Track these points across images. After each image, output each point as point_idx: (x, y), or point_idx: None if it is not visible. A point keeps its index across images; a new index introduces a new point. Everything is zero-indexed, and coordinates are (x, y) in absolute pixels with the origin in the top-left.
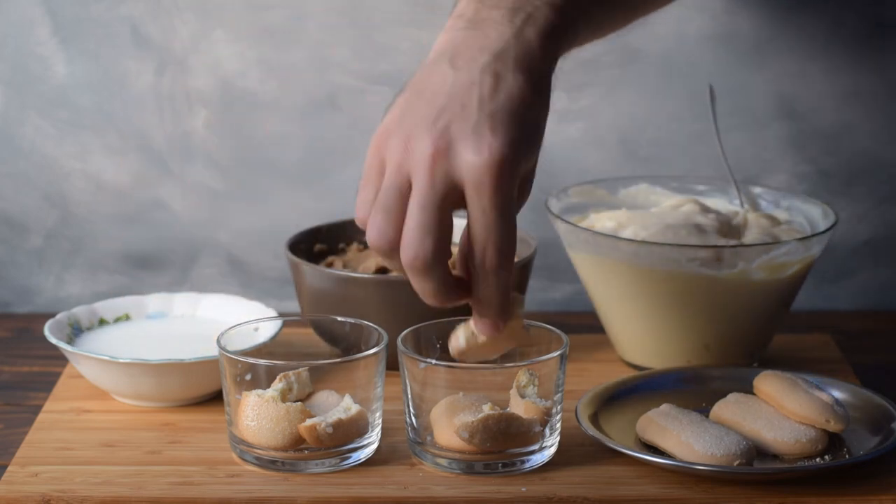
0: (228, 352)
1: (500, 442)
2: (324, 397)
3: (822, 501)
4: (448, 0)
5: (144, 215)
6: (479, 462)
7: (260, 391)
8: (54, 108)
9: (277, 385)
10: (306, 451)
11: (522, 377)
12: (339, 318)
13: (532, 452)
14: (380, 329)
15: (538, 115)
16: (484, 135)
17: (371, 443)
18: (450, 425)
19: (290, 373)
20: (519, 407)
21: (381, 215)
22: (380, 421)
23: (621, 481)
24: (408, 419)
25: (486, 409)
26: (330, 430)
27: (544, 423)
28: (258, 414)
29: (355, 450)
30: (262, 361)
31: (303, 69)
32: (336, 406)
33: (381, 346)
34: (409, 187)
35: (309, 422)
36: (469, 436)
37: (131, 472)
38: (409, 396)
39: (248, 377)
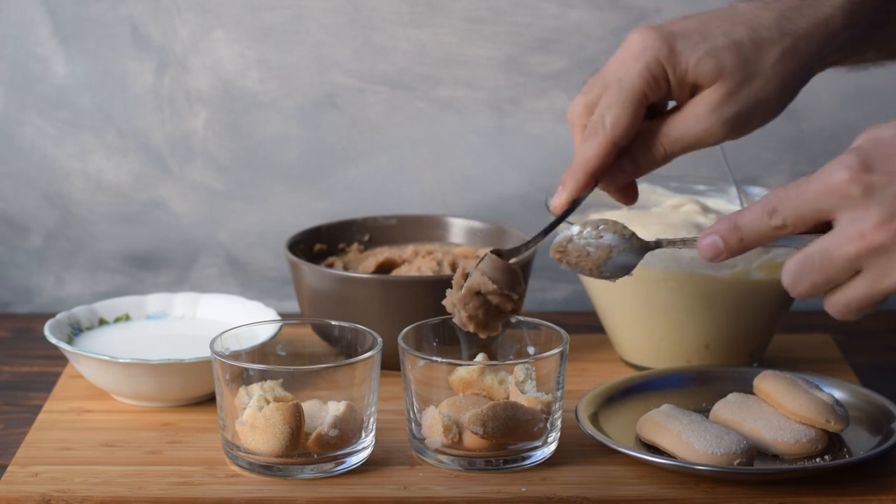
0: (221, 356)
1: (510, 431)
2: (311, 407)
3: (822, 501)
4: (448, 0)
5: (144, 215)
6: (480, 459)
7: (252, 394)
8: (54, 108)
9: (269, 389)
10: (299, 457)
11: (519, 373)
12: (334, 322)
13: (534, 448)
14: (374, 333)
15: None
16: None
17: (365, 447)
18: (451, 427)
19: (280, 378)
20: (521, 401)
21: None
22: (374, 426)
23: (621, 481)
24: (409, 416)
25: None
26: (335, 431)
27: (546, 413)
28: (251, 417)
29: (350, 454)
30: (254, 366)
31: (303, 69)
32: (326, 411)
33: (376, 349)
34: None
35: (312, 433)
36: (482, 426)
37: (131, 472)
38: (411, 393)
39: (241, 381)
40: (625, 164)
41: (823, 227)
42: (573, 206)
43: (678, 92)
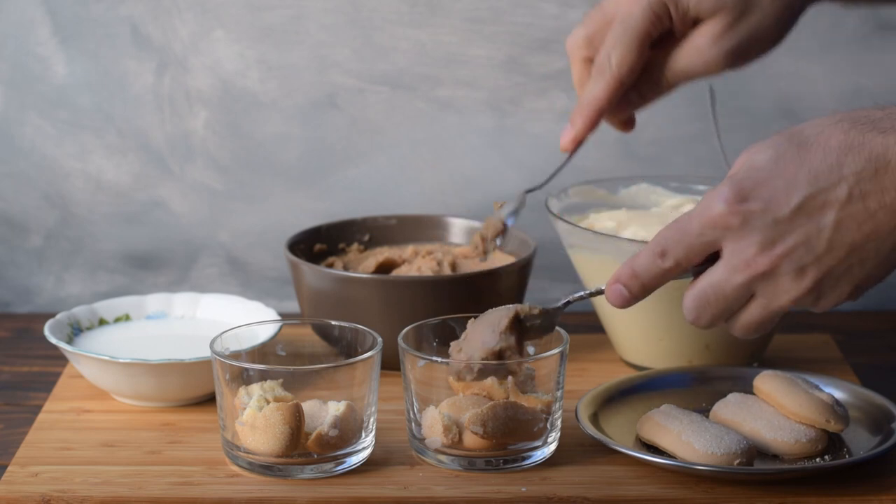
0: (221, 356)
1: (510, 431)
2: (311, 407)
3: (822, 501)
4: (448, 0)
5: (144, 215)
6: (480, 459)
7: (252, 394)
8: (54, 108)
9: (269, 389)
10: (299, 457)
11: (519, 374)
12: (334, 322)
13: (534, 448)
14: (374, 333)
15: None
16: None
17: (365, 447)
18: (451, 427)
19: (280, 378)
20: (521, 401)
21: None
22: (374, 426)
23: (621, 481)
24: (409, 416)
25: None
26: (335, 431)
27: (546, 414)
28: (251, 417)
29: (350, 454)
30: (254, 366)
31: (303, 69)
32: (326, 411)
33: (376, 349)
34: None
35: (312, 433)
36: (482, 426)
37: (131, 472)
38: (411, 393)
39: (241, 381)
40: (631, 97)
41: (715, 254)
42: (580, 143)
43: (680, 26)
